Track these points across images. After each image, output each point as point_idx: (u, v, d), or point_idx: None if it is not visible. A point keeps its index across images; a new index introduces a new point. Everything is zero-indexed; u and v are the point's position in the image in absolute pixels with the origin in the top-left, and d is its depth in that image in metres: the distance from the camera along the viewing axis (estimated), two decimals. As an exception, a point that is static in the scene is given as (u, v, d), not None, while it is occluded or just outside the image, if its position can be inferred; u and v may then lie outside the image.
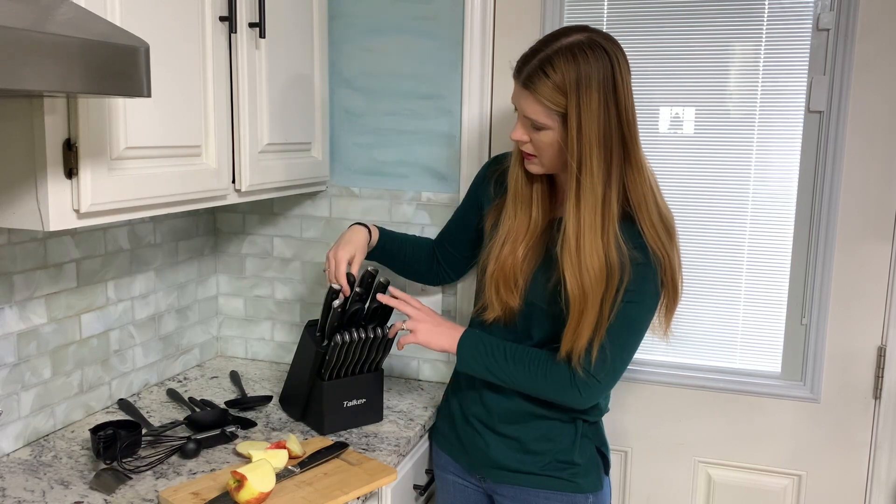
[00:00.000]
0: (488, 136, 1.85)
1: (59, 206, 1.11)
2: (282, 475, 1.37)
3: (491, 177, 1.56)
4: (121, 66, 0.94)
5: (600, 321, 1.32)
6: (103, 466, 1.39)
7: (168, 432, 1.55)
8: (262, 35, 1.53)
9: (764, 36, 1.67)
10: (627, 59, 1.32)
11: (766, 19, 1.66)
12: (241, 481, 1.25)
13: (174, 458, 1.46)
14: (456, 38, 1.83)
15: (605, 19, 1.75)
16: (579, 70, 1.26)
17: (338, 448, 1.47)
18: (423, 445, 1.70)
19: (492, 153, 1.84)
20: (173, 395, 1.79)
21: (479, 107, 1.83)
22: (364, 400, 1.64)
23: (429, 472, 1.72)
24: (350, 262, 1.55)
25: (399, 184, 1.91)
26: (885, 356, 1.69)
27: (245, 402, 1.75)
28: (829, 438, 1.75)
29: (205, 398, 1.77)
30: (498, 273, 1.43)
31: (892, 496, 1.73)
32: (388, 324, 1.62)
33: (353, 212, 1.96)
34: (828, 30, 1.63)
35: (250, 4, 1.51)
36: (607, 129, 1.28)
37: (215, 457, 1.48)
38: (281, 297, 2.07)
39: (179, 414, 1.69)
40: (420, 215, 1.90)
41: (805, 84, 1.66)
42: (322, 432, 1.59)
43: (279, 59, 1.64)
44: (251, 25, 1.51)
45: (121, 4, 1.18)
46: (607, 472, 1.52)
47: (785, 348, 1.76)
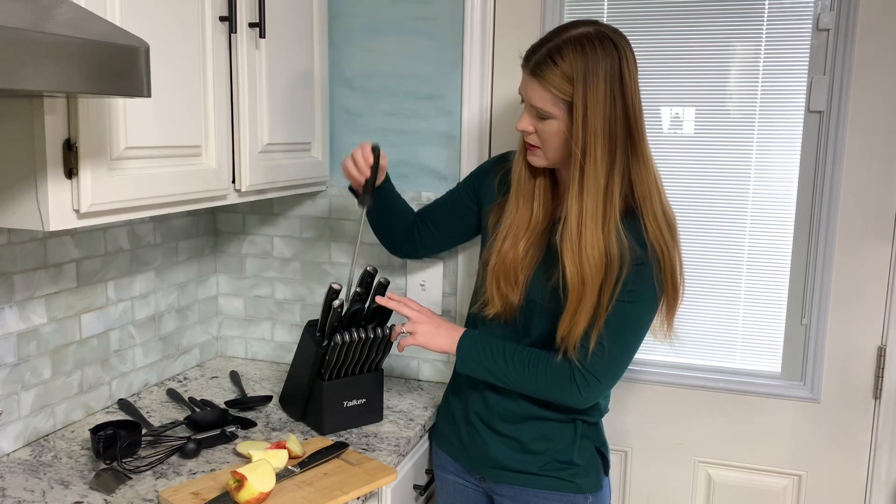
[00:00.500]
0: (488, 136, 1.85)
1: (59, 206, 1.11)
2: (282, 475, 1.37)
3: (496, 173, 1.55)
4: (121, 66, 0.94)
5: (598, 312, 1.32)
6: (103, 466, 1.39)
7: (168, 432, 1.55)
8: (262, 35, 1.53)
9: (764, 36, 1.67)
10: (634, 54, 1.33)
11: (766, 19, 1.66)
12: (241, 481, 1.25)
13: (174, 458, 1.46)
14: (456, 38, 1.83)
15: (605, 19, 1.75)
16: (587, 60, 1.27)
17: (338, 448, 1.47)
18: (423, 445, 1.70)
19: (492, 153, 1.84)
20: (173, 395, 1.79)
21: (479, 107, 1.83)
22: (364, 400, 1.64)
23: (429, 472, 1.72)
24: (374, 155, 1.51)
25: (399, 184, 1.90)
26: (885, 356, 1.69)
27: (245, 402, 1.75)
28: (829, 438, 1.75)
29: (205, 398, 1.77)
30: (499, 266, 1.43)
31: (892, 496, 1.73)
32: (388, 324, 1.62)
33: (353, 212, 1.96)
34: (828, 30, 1.63)
35: (250, 4, 1.51)
36: (613, 120, 1.29)
37: (215, 457, 1.48)
38: (281, 297, 2.07)
39: (179, 414, 1.69)
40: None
41: (805, 84, 1.66)
42: (322, 432, 1.59)
43: (279, 59, 1.64)
44: (251, 25, 1.51)
45: (121, 4, 1.18)
46: (607, 473, 1.52)
47: (785, 348, 1.76)
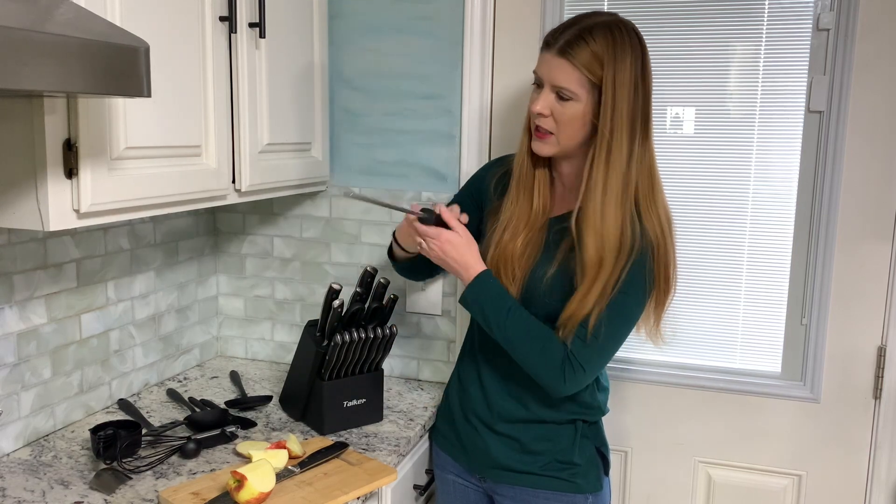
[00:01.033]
0: (488, 136, 1.85)
1: (59, 206, 1.11)
2: (282, 475, 1.37)
3: (491, 179, 1.55)
4: (121, 66, 0.94)
5: (604, 293, 1.32)
6: (103, 466, 1.39)
7: (168, 432, 1.55)
8: (262, 35, 1.53)
9: (764, 36, 1.67)
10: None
11: (766, 19, 1.66)
12: (241, 481, 1.25)
13: (174, 458, 1.46)
14: (456, 37, 1.83)
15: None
16: (616, 46, 1.29)
17: (338, 448, 1.47)
18: (423, 445, 1.70)
19: (492, 153, 1.85)
20: (173, 395, 1.79)
21: (479, 107, 1.83)
22: (364, 400, 1.64)
23: (429, 472, 1.72)
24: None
25: (399, 184, 1.91)
26: (885, 356, 1.69)
27: (245, 402, 1.75)
28: (829, 438, 1.75)
29: (205, 398, 1.77)
30: (498, 257, 1.42)
31: (892, 496, 1.73)
32: (388, 323, 1.62)
33: (353, 212, 1.96)
34: (828, 30, 1.63)
35: (250, 4, 1.51)
36: (635, 108, 1.31)
37: (215, 457, 1.48)
38: (281, 297, 2.07)
39: (179, 414, 1.69)
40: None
41: (805, 84, 1.66)
42: (322, 432, 1.59)
43: (279, 59, 1.64)
44: (251, 25, 1.51)
45: (121, 4, 1.18)
46: (607, 473, 1.52)
47: (785, 348, 1.76)
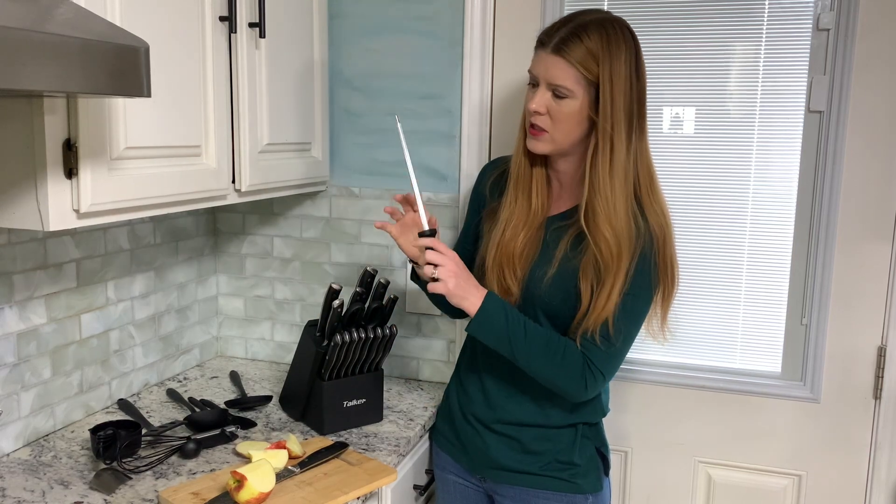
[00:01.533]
0: (488, 136, 1.85)
1: (59, 206, 1.11)
2: (282, 475, 1.37)
3: (488, 181, 1.56)
4: (121, 66, 0.94)
5: (620, 289, 1.32)
6: (103, 466, 1.39)
7: (168, 432, 1.55)
8: (262, 35, 1.53)
9: (764, 36, 1.67)
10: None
11: (766, 19, 1.66)
12: (241, 481, 1.25)
13: (174, 458, 1.46)
14: (456, 37, 1.83)
15: (605, 19, 1.75)
16: (611, 42, 1.29)
17: (338, 448, 1.47)
18: (423, 445, 1.70)
19: (492, 153, 1.85)
20: (173, 395, 1.79)
21: (480, 107, 1.83)
22: (364, 400, 1.64)
23: (429, 472, 1.72)
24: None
25: (399, 184, 1.91)
26: (885, 356, 1.69)
27: (245, 402, 1.75)
28: (829, 438, 1.75)
29: (205, 398, 1.77)
30: (500, 257, 1.42)
31: (892, 496, 1.73)
32: (388, 323, 1.62)
33: (353, 212, 1.96)
34: (828, 30, 1.63)
35: (250, 4, 1.51)
36: (631, 104, 1.32)
37: (215, 457, 1.48)
38: (281, 297, 2.07)
39: (179, 414, 1.69)
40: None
41: (805, 84, 1.66)
42: (322, 432, 1.59)
43: (279, 59, 1.64)
44: (251, 25, 1.51)
45: (121, 4, 1.18)
46: (607, 473, 1.52)
47: (785, 348, 1.76)
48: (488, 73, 1.83)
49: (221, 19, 1.43)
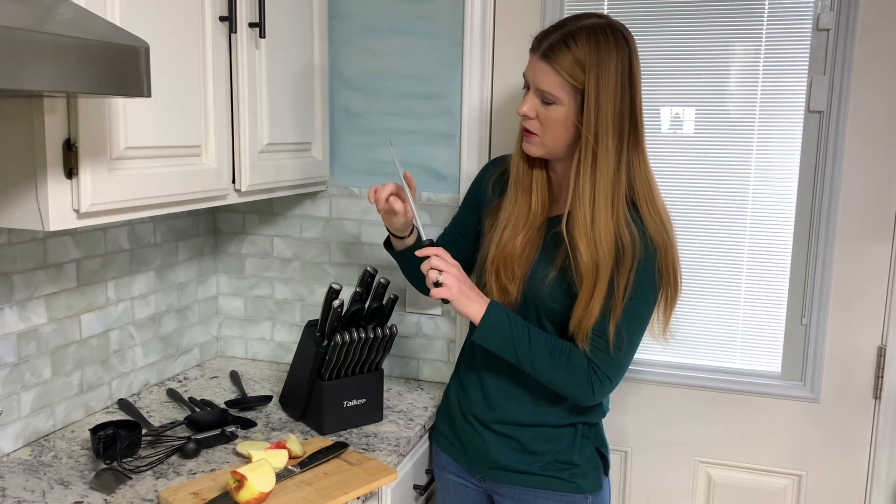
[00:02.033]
0: (488, 136, 1.85)
1: (59, 206, 1.11)
2: (282, 475, 1.37)
3: (489, 179, 1.56)
4: (121, 66, 0.94)
5: (613, 304, 1.32)
6: (103, 466, 1.39)
7: (168, 432, 1.55)
8: (262, 35, 1.53)
9: (764, 36, 1.67)
10: (638, 52, 1.34)
11: (766, 19, 1.66)
12: (241, 481, 1.25)
13: (174, 458, 1.46)
14: (456, 37, 1.83)
15: (606, 19, 1.75)
16: (600, 50, 1.28)
17: (338, 448, 1.47)
18: (423, 445, 1.70)
19: (492, 153, 1.85)
20: (173, 395, 1.79)
21: (480, 107, 1.83)
22: (364, 400, 1.64)
23: (429, 472, 1.72)
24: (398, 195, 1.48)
25: (399, 184, 1.91)
26: (885, 356, 1.69)
27: (245, 402, 1.75)
28: (829, 438, 1.75)
29: (205, 398, 1.77)
30: (498, 257, 1.42)
31: (892, 496, 1.73)
32: (388, 323, 1.62)
33: (353, 212, 1.96)
34: (828, 30, 1.63)
35: (250, 4, 1.51)
36: (622, 112, 1.30)
37: (215, 457, 1.48)
38: (281, 297, 2.07)
39: (179, 414, 1.69)
40: (420, 216, 1.89)
41: (805, 84, 1.66)
42: (322, 432, 1.59)
43: (279, 59, 1.64)
44: (251, 25, 1.51)
45: (121, 4, 1.18)
46: (607, 473, 1.52)
47: (785, 348, 1.76)
48: (488, 73, 1.83)
49: (221, 19, 1.43)
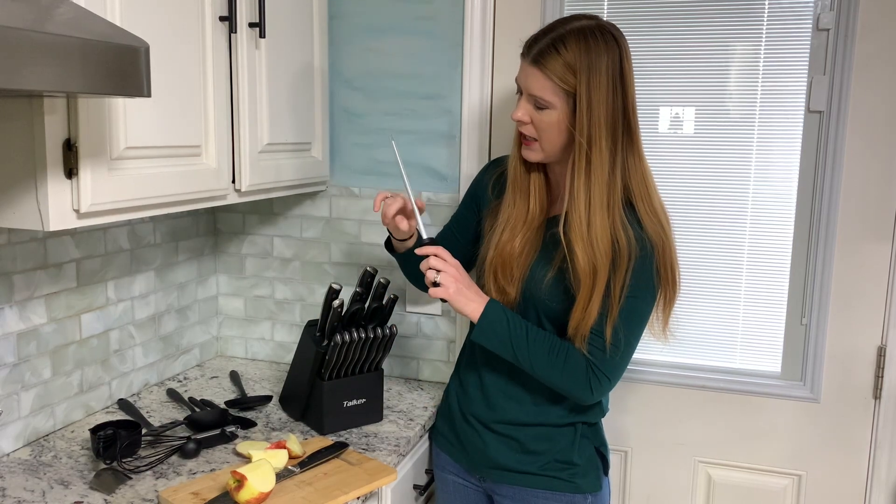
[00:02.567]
0: (488, 136, 1.85)
1: (59, 206, 1.11)
2: (282, 475, 1.37)
3: (489, 179, 1.56)
4: (121, 66, 0.94)
5: (610, 304, 1.32)
6: (103, 466, 1.39)
7: (168, 432, 1.55)
8: (262, 35, 1.53)
9: (764, 36, 1.67)
10: (630, 51, 1.33)
11: (766, 19, 1.66)
12: (241, 481, 1.25)
13: (174, 458, 1.46)
14: (456, 38, 1.83)
15: (605, 19, 1.75)
16: (590, 53, 1.28)
17: (338, 448, 1.47)
18: (423, 445, 1.70)
19: (492, 153, 1.85)
20: (173, 395, 1.79)
21: (480, 107, 1.83)
22: (364, 400, 1.64)
23: (429, 472, 1.72)
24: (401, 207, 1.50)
25: (399, 184, 1.91)
26: (885, 356, 1.69)
27: (245, 402, 1.75)
28: (829, 438, 1.75)
29: (205, 398, 1.77)
30: (496, 259, 1.43)
31: (892, 496, 1.73)
32: (388, 323, 1.62)
33: (353, 212, 1.96)
34: (828, 30, 1.63)
35: (250, 4, 1.51)
36: (615, 112, 1.30)
37: (215, 457, 1.48)
38: (281, 297, 2.07)
39: (179, 414, 1.69)
40: (421, 216, 1.90)
41: (805, 84, 1.66)
42: (322, 432, 1.59)
43: (279, 59, 1.64)
44: (251, 25, 1.51)
45: (121, 4, 1.18)
46: (606, 473, 1.52)
47: (785, 348, 1.76)
48: (488, 73, 1.83)
49: (221, 19, 1.43)
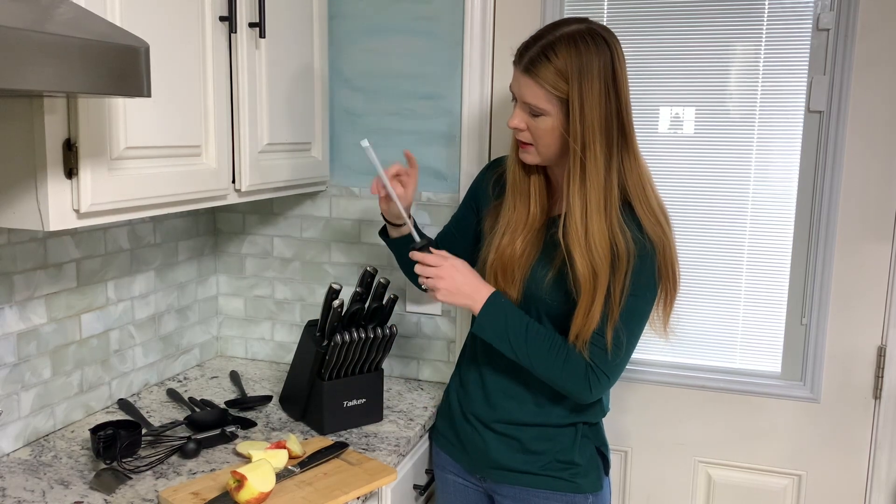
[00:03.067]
0: (488, 136, 1.85)
1: (59, 206, 1.11)
2: (282, 475, 1.37)
3: (489, 180, 1.56)
4: (121, 66, 0.94)
5: (611, 306, 1.32)
6: (103, 466, 1.39)
7: (168, 432, 1.55)
8: (262, 35, 1.53)
9: (764, 36, 1.67)
10: (623, 52, 1.33)
11: (766, 19, 1.66)
12: (241, 481, 1.25)
13: (174, 458, 1.46)
14: (456, 37, 1.83)
15: (605, 19, 1.75)
16: (581, 57, 1.27)
17: (338, 448, 1.47)
18: (423, 445, 1.70)
19: (492, 153, 1.85)
20: (173, 395, 1.79)
21: (480, 107, 1.83)
22: (364, 400, 1.64)
23: (429, 471, 1.72)
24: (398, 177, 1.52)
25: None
26: (885, 356, 1.69)
27: (245, 402, 1.75)
28: (829, 438, 1.75)
29: (205, 398, 1.77)
30: (497, 262, 1.43)
31: (892, 496, 1.73)
32: (388, 323, 1.62)
33: (353, 212, 1.96)
34: (828, 30, 1.63)
35: (250, 4, 1.51)
36: (609, 116, 1.30)
37: (215, 457, 1.48)
38: (281, 297, 2.07)
39: (179, 414, 1.69)
40: (420, 215, 1.90)
41: (805, 84, 1.66)
42: (322, 432, 1.59)
43: (279, 59, 1.64)
44: (251, 25, 1.51)
45: (121, 4, 1.18)
46: (607, 473, 1.52)
47: (785, 348, 1.76)
48: (488, 73, 1.83)
49: (221, 19, 1.43)
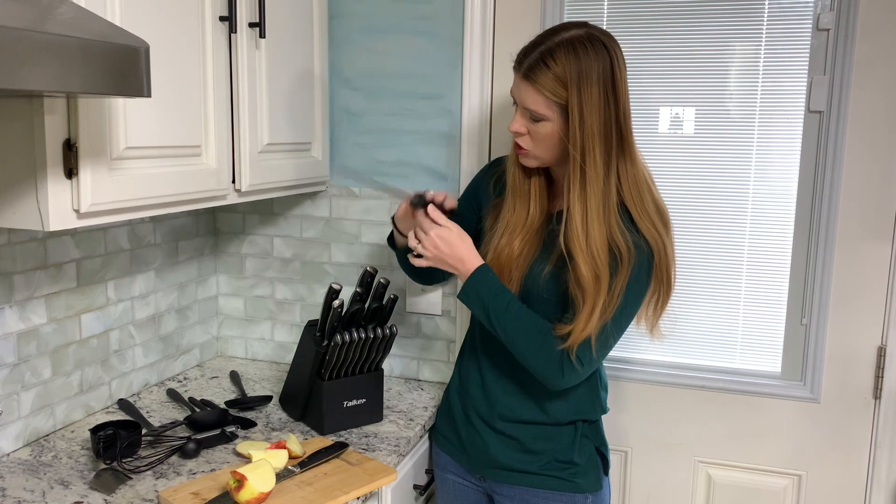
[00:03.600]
0: (488, 136, 1.85)
1: (59, 206, 1.11)
2: (282, 475, 1.37)
3: (490, 178, 1.56)
4: (121, 66, 0.94)
5: (608, 307, 1.33)
6: (103, 466, 1.39)
7: (168, 432, 1.55)
8: (262, 35, 1.53)
9: (764, 36, 1.67)
10: (623, 56, 1.33)
11: (766, 19, 1.66)
12: (241, 481, 1.25)
13: (174, 458, 1.46)
14: (456, 37, 1.83)
15: (605, 19, 1.75)
16: (580, 63, 1.28)
17: (338, 448, 1.47)
18: (423, 445, 1.70)
19: (492, 153, 1.85)
20: (173, 395, 1.79)
21: (480, 107, 1.83)
22: (364, 400, 1.64)
23: (429, 472, 1.72)
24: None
25: (399, 184, 1.91)
26: (885, 356, 1.69)
27: (245, 402, 1.75)
28: (829, 438, 1.75)
29: (205, 398, 1.77)
30: (494, 262, 1.43)
31: (892, 496, 1.73)
32: (388, 323, 1.62)
33: (353, 212, 1.96)
34: (828, 30, 1.63)
35: (250, 4, 1.51)
36: (608, 121, 1.30)
37: (215, 457, 1.48)
38: (281, 297, 2.07)
39: (179, 414, 1.69)
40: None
41: (805, 84, 1.66)
42: (322, 432, 1.59)
43: (279, 59, 1.64)
44: (251, 25, 1.51)
45: (121, 4, 1.18)
46: (607, 473, 1.52)
47: (785, 348, 1.76)
48: (488, 73, 1.83)
49: (221, 19, 1.43)
